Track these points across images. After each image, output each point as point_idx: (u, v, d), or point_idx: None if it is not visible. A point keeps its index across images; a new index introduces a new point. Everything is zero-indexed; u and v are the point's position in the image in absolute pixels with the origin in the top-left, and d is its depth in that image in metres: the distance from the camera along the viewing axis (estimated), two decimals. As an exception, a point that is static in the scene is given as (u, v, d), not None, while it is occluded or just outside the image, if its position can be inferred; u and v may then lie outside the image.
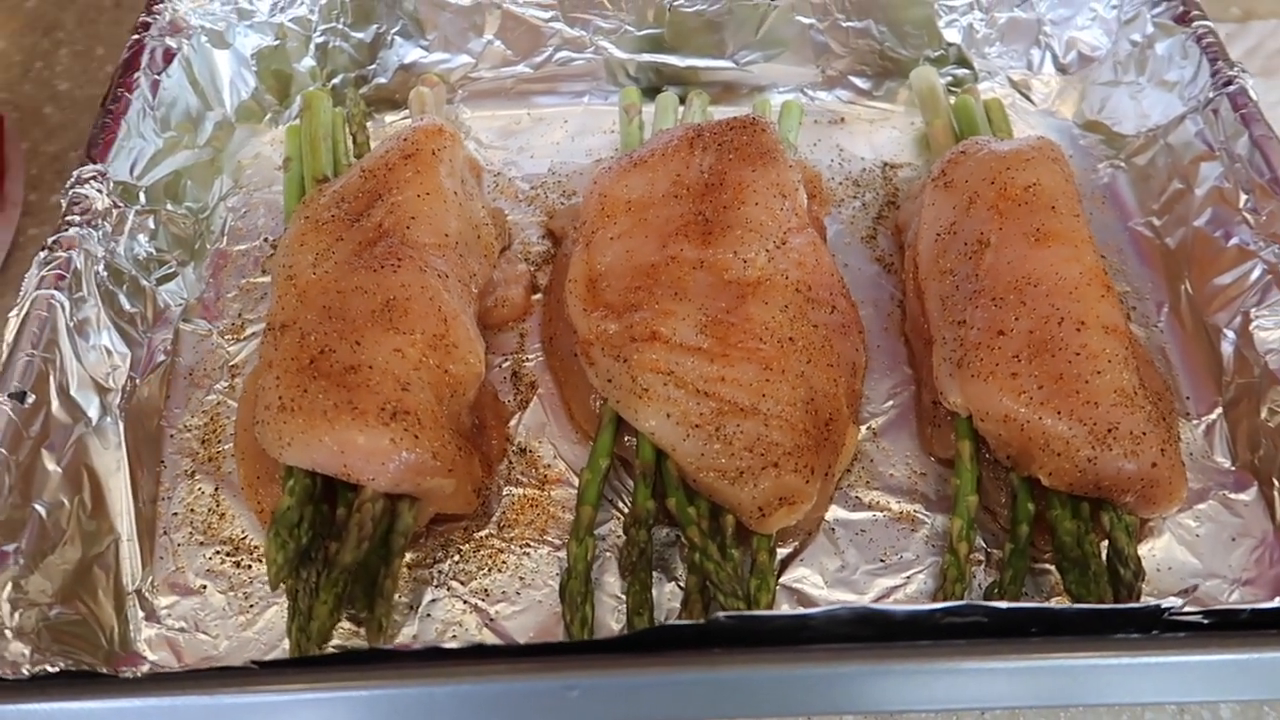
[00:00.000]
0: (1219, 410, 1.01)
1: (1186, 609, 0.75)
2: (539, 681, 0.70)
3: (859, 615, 0.74)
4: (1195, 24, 1.14)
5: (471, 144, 1.24)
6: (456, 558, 0.94)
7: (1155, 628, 0.75)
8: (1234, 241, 1.03)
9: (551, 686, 0.70)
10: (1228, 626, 0.75)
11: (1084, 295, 0.95)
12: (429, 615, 0.90)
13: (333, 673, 0.72)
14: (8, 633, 0.78)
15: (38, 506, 0.85)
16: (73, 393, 0.91)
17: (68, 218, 0.97)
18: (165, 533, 0.95)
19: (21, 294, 0.92)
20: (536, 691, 0.70)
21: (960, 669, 0.72)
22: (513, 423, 1.03)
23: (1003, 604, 0.73)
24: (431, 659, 0.73)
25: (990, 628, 0.75)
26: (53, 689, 0.72)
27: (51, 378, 0.90)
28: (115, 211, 1.01)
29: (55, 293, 0.92)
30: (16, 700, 0.71)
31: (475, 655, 0.72)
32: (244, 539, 0.95)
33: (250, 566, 0.93)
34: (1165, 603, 0.73)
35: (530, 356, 1.08)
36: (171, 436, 1.01)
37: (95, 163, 1.02)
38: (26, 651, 0.78)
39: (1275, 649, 0.72)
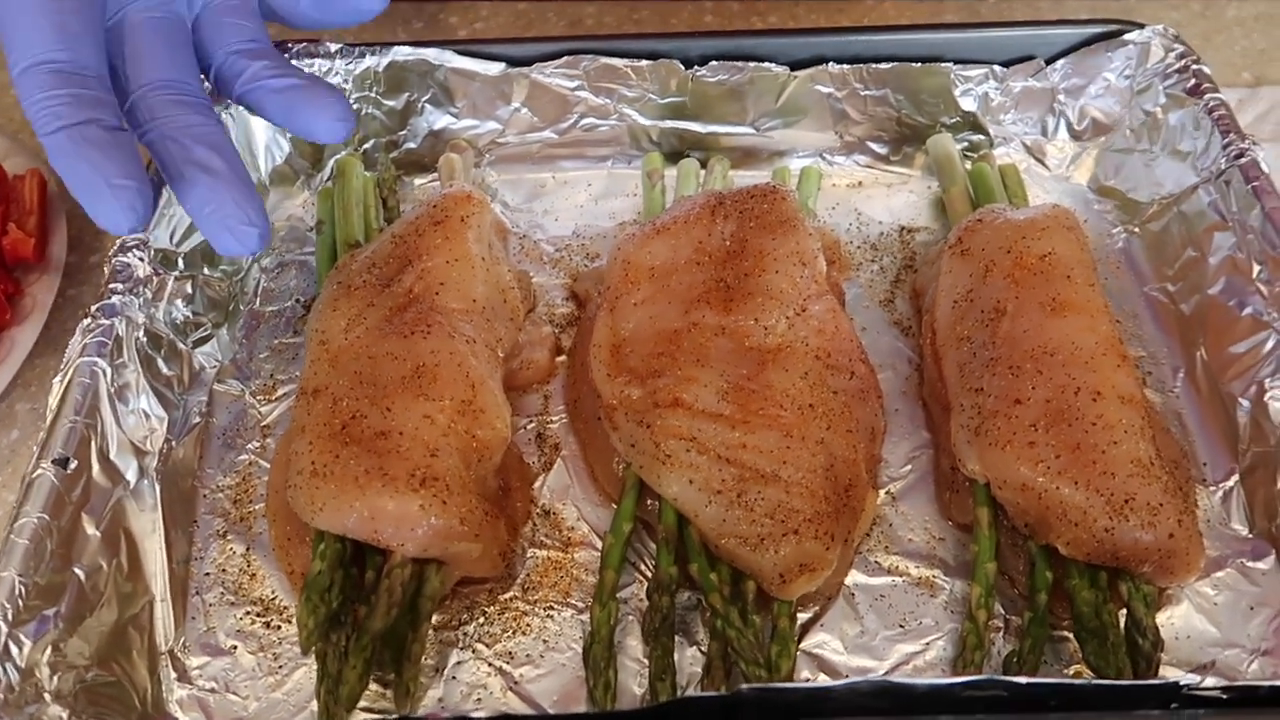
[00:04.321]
0: (1236, 477, 1.02)
1: (1205, 684, 0.76)
2: (566, 753, 0.71)
3: (879, 688, 0.75)
4: (1207, 96, 1.16)
5: (498, 206, 1.27)
6: (481, 620, 0.95)
7: (1174, 703, 0.76)
8: (1248, 311, 1.04)
9: (578, 757, 0.71)
10: (1246, 703, 0.75)
11: (1100, 365, 0.97)
12: (454, 678, 0.92)
13: (364, 741, 0.73)
14: (46, 696, 0.80)
15: (77, 570, 0.87)
16: (112, 457, 0.94)
17: (111, 285, 1.01)
18: (198, 593, 0.97)
19: (65, 361, 0.95)
20: (563, 762, 0.72)
21: (980, 744, 0.73)
22: (537, 484, 1.05)
23: (1022, 679, 0.75)
24: (460, 728, 0.74)
25: (1010, 702, 0.76)
26: (91, 754, 0.74)
27: (93, 443, 0.92)
28: (155, 279, 1.05)
29: (98, 359, 0.95)
30: (57, 766, 0.73)
31: (503, 725, 0.73)
32: (274, 599, 0.97)
33: (280, 627, 0.95)
34: (1184, 679, 0.74)
35: (554, 418, 1.10)
36: (204, 496, 1.03)
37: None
38: (64, 715, 0.80)
39: (1294, 727, 0.73)
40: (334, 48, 1.24)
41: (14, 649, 0.79)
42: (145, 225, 0.91)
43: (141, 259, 1.03)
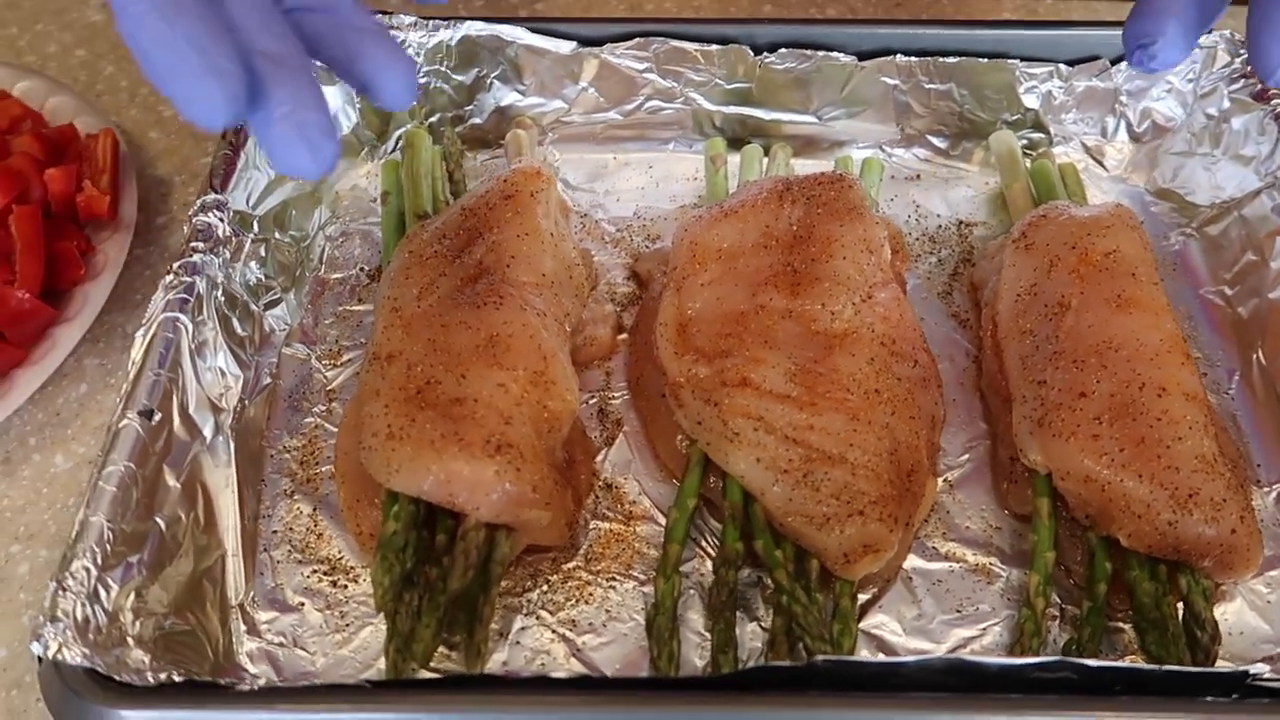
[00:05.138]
0: (1290, 480, 1.03)
1: (1268, 675, 0.77)
2: (648, 714, 0.73)
3: (951, 665, 0.76)
4: (1274, 101, 1.17)
5: (560, 185, 1.28)
6: (545, 588, 0.97)
7: (1237, 692, 0.78)
8: (1309, 316, 1.06)
9: (658, 720, 0.73)
10: (1311, 694, 0.77)
11: (1165, 362, 0.98)
12: (518, 643, 0.93)
13: (447, 695, 0.75)
14: (130, 640, 0.82)
15: (158, 520, 0.89)
16: (191, 411, 0.96)
17: (192, 244, 1.02)
18: (265, 550, 0.98)
19: (148, 315, 0.96)
20: (642, 724, 0.73)
21: (1051, 723, 0.75)
22: (599, 458, 1.06)
23: (1092, 662, 0.76)
24: (539, 688, 0.76)
25: (1077, 684, 0.77)
26: (179, 698, 0.76)
27: (174, 396, 0.94)
28: (234, 240, 1.06)
29: (180, 315, 0.97)
30: (148, 707, 0.74)
31: (583, 686, 0.75)
32: (340, 559, 0.99)
33: (346, 586, 0.97)
34: (1253, 669, 0.75)
35: (616, 394, 1.11)
36: (272, 456, 1.05)
37: (217, 192, 1.07)
38: (146, 660, 0.82)
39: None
40: (408, 20, 1.25)
41: (103, 592, 0.81)
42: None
43: (221, 219, 1.05)
